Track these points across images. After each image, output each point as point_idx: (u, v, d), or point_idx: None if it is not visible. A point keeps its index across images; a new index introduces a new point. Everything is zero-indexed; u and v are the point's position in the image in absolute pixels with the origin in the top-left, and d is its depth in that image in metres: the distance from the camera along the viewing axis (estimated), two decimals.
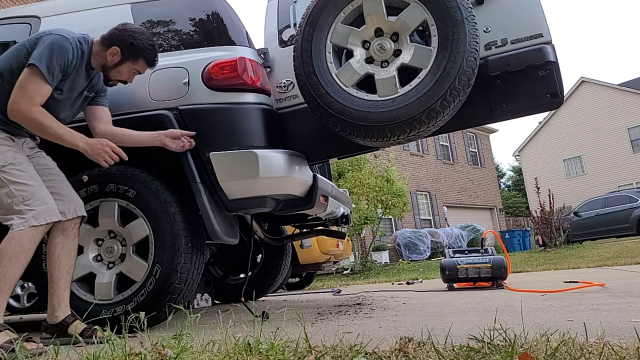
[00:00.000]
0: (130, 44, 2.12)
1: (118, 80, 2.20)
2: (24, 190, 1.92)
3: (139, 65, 2.18)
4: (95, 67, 2.17)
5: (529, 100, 2.17)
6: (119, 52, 2.12)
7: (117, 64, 2.14)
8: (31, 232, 1.88)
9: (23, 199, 1.90)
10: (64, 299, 2.06)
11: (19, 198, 1.90)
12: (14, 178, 1.92)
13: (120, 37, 2.12)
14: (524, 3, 2.19)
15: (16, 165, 1.95)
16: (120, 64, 2.15)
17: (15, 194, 1.90)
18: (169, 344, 1.49)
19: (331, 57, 2.18)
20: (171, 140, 2.21)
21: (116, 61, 2.14)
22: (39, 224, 1.90)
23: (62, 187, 2.12)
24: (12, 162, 1.94)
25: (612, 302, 2.41)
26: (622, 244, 9.93)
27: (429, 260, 13.56)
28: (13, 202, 1.89)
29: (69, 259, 2.08)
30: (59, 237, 2.06)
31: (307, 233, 3.57)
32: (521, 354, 1.10)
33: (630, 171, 24.19)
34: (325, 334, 1.80)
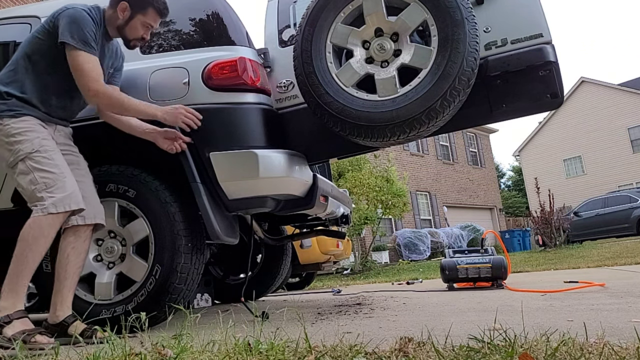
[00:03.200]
0: None
1: (136, 40, 2.20)
2: (47, 178, 1.92)
3: (150, 16, 2.17)
4: (112, 34, 2.18)
5: (529, 100, 2.16)
6: (127, 6, 2.13)
7: (128, 20, 2.14)
8: (50, 218, 1.89)
9: (46, 185, 1.91)
10: (67, 299, 2.06)
11: (41, 185, 1.91)
12: (39, 165, 1.93)
13: None
14: (524, 3, 2.19)
15: (42, 152, 1.96)
16: (131, 19, 2.14)
17: (38, 181, 1.91)
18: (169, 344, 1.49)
19: (331, 57, 2.18)
20: (163, 140, 2.21)
21: (127, 17, 2.14)
22: (58, 212, 1.90)
23: (86, 190, 2.11)
24: (39, 150, 1.95)
25: (612, 302, 2.41)
26: (622, 244, 9.93)
27: (429, 260, 13.56)
28: (36, 189, 1.91)
29: (77, 260, 2.07)
30: (70, 237, 2.05)
31: (307, 233, 3.57)
32: (521, 354, 1.10)
33: (630, 171, 24.19)
34: (325, 334, 1.80)
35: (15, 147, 1.93)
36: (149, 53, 2.51)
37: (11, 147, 1.94)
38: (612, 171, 24.69)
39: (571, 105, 25.77)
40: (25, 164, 1.93)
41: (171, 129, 2.23)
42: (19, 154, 1.93)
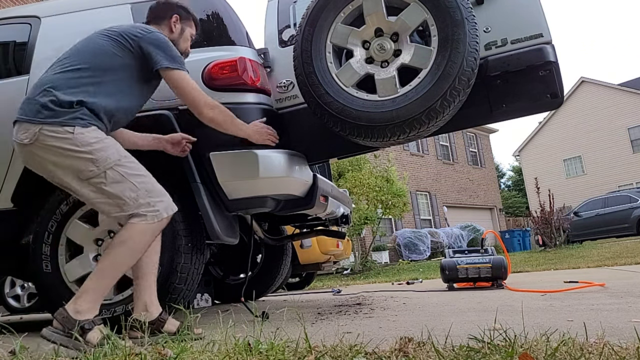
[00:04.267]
0: (179, 5, 2.18)
1: (186, 52, 2.21)
2: (146, 182, 1.87)
3: (193, 28, 2.23)
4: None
5: (529, 100, 2.16)
6: (178, 19, 2.17)
7: (181, 33, 2.18)
8: (159, 224, 1.85)
9: (147, 191, 1.84)
10: (155, 296, 1.99)
11: (142, 191, 1.83)
12: (132, 171, 1.86)
13: (166, 5, 2.16)
14: (524, 3, 2.19)
15: (128, 157, 1.90)
16: (183, 31, 2.19)
17: (138, 187, 1.83)
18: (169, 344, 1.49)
19: (331, 57, 2.18)
20: (171, 146, 2.22)
21: (179, 30, 2.17)
22: (168, 215, 1.88)
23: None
24: (125, 155, 1.89)
25: (612, 302, 2.41)
26: (622, 244, 9.93)
27: (429, 260, 13.56)
28: (138, 196, 1.82)
29: (155, 257, 2.01)
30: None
31: (307, 233, 3.57)
32: (521, 354, 1.10)
33: (630, 171, 24.19)
34: (325, 334, 1.80)
35: (98, 155, 1.80)
36: None
37: (91, 156, 1.79)
38: (612, 171, 24.69)
39: (571, 105, 25.77)
40: (116, 172, 1.82)
41: (176, 133, 2.24)
42: (107, 162, 1.81)
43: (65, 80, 1.86)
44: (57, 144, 1.79)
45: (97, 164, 1.80)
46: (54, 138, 1.79)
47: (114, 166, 1.82)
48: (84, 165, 1.80)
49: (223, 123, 2.08)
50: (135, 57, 1.97)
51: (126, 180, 1.83)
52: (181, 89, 1.98)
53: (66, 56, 1.96)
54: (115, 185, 1.81)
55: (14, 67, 2.75)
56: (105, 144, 1.85)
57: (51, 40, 2.64)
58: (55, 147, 1.79)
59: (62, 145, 1.79)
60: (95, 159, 1.80)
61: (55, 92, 1.82)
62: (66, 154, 1.80)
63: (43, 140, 1.79)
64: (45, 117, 1.80)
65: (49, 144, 1.79)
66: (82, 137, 1.80)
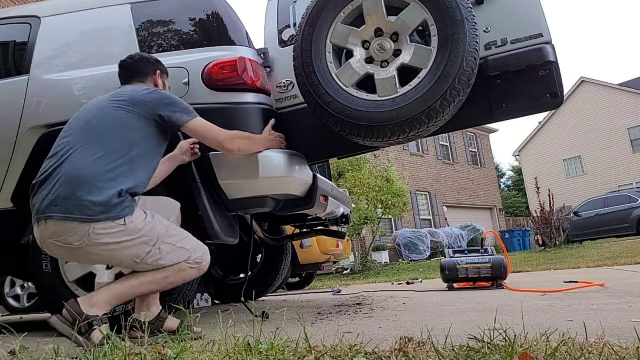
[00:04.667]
0: (155, 60, 2.19)
1: None
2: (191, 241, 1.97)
3: (167, 78, 2.24)
4: None
5: (529, 100, 2.16)
6: (159, 74, 2.18)
7: (164, 86, 2.19)
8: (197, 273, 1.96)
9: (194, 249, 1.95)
10: (157, 296, 2.06)
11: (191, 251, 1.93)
12: (179, 237, 1.94)
13: (147, 62, 2.16)
14: (524, 3, 2.19)
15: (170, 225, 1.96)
16: (165, 86, 2.20)
17: (188, 249, 1.93)
18: (169, 344, 1.49)
19: (331, 57, 2.18)
20: (182, 155, 2.26)
21: (162, 84, 2.18)
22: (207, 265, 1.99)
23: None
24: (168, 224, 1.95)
25: (612, 302, 2.41)
26: (622, 244, 9.93)
27: (429, 260, 13.56)
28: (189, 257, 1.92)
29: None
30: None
31: (307, 233, 3.57)
32: (521, 354, 1.10)
33: (630, 171, 24.19)
34: (325, 334, 1.80)
35: (150, 235, 1.85)
36: (149, 53, 2.50)
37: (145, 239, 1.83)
38: (612, 171, 24.68)
39: (571, 105, 25.76)
40: (168, 244, 1.89)
41: (182, 142, 2.26)
42: (159, 238, 1.86)
43: (103, 172, 1.82)
44: (112, 241, 1.79)
45: (151, 244, 1.85)
46: (108, 235, 1.78)
47: (165, 240, 1.88)
48: (140, 249, 1.83)
49: (249, 146, 2.18)
50: (152, 124, 1.98)
51: (178, 248, 1.91)
52: (202, 134, 2.06)
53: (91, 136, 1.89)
54: (170, 255, 1.89)
55: (14, 67, 2.75)
56: (152, 222, 1.89)
57: (51, 40, 2.64)
58: (110, 243, 1.79)
59: (116, 240, 1.79)
60: (148, 240, 1.84)
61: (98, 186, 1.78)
62: (122, 246, 1.81)
63: (96, 240, 1.77)
64: (95, 214, 1.75)
65: (103, 242, 1.78)
66: (134, 225, 1.82)
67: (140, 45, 2.52)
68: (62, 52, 2.61)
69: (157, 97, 2.00)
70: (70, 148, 1.86)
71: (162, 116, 1.97)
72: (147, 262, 1.85)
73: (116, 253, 1.82)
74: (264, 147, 2.23)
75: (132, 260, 1.84)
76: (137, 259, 1.84)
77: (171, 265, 1.88)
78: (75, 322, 1.73)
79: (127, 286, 1.86)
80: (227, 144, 2.09)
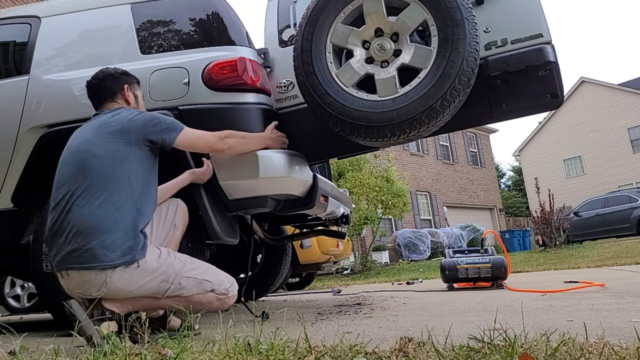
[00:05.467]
0: (121, 73, 2.14)
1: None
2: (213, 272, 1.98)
3: (138, 87, 2.20)
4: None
5: (529, 100, 2.16)
6: (128, 88, 2.12)
7: (136, 99, 2.15)
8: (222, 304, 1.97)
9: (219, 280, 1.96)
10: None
11: (216, 283, 1.94)
12: (200, 269, 1.95)
13: (111, 78, 2.11)
14: (524, 3, 2.19)
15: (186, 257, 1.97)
16: (137, 97, 2.16)
17: (211, 279, 1.94)
18: (169, 344, 1.49)
19: (331, 57, 2.18)
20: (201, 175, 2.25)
21: (133, 97, 2.14)
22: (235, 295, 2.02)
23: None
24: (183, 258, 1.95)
25: (612, 302, 2.41)
26: (622, 244, 9.94)
27: (429, 260, 13.56)
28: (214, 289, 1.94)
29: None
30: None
31: (307, 233, 3.57)
32: (521, 354, 1.10)
33: (630, 171, 24.18)
34: (325, 334, 1.80)
35: (166, 271, 1.86)
36: (149, 53, 2.51)
37: (162, 276, 1.85)
38: (612, 171, 24.68)
39: (571, 105, 25.76)
40: (188, 277, 1.89)
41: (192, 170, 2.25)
42: (177, 274, 1.87)
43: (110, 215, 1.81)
44: (129, 286, 1.81)
45: (170, 280, 1.86)
46: (125, 281, 1.79)
47: (184, 274, 1.89)
48: (159, 287, 1.85)
49: (242, 144, 2.16)
50: (144, 148, 1.96)
51: (201, 280, 1.91)
52: (192, 143, 2.08)
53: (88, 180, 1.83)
54: (192, 289, 1.89)
55: (14, 67, 2.75)
56: (167, 258, 1.89)
57: (51, 40, 2.64)
58: (129, 287, 1.81)
59: (134, 284, 1.81)
60: (166, 278, 1.85)
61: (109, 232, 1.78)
62: (140, 287, 1.82)
63: (114, 288, 1.79)
64: (110, 260, 1.76)
65: (121, 288, 1.80)
66: (148, 265, 1.83)
67: (140, 45, 2.52)
68: (62, 52, 2.61)
69: (143, 120, 1.95)
70: (70, 196, 1.83)
71: (153, 140, 1.96)
72: (170, 296, 1.88)
73: (136, 293, 1.84)
74: (262, 144, 2.23)
75: (154, 296, 1.87)
76: (159, 295, 1.87)
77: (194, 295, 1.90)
78: (92, 311, 1.78)
79: (153, 303, 1.90)
80: (218, 145, 2.09)
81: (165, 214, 2.14)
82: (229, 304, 1.99)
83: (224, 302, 1.97)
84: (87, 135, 1.94)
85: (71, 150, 1.94)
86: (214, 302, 1.94)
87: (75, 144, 1.95)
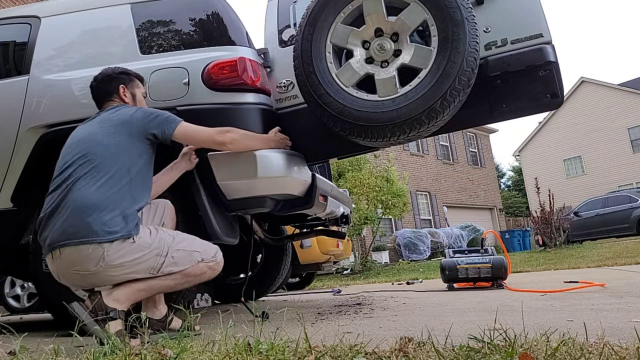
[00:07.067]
0: (119, 73, 2.17)
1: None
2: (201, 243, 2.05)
3: (139, 86, 2.23)
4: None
5: (529, 100, 2.16)
6: (123, 88, 2.16)
7: (133, 98, 2.19)
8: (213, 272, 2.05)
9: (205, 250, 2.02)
10: (161, 295, 2.12)
11: (202, 251, 2.01)
12: (188, 240, 2.01)
13: (108, 79, 2.16)
14: (524, 3, 2.19)
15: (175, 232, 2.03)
16: (135, 96, 2.19)
17: (200, 250, 2.00)
18: (169, 344, 1.49)
19: (331, 57, 2.18)
20: (185, 163, 2.27)
21: (130, 97, 2.18)
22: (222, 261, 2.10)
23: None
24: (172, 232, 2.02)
25: (612, 302, 2.41)
26: (622, 244, 9.94)
27: (429, 260, 13.56)
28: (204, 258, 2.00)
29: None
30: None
31: (307, 233, 3.57)
32: (521, 354, 1.10)
33: (630, 171, 24.18)
34: (325, 334, 1.80)
35: (159, 245, 1.92)
36: (149, 53, 2.51)
37: (156, 250, 1.90)
38: (612, 171, 24.68)
39: (571, 105, 25.75)
40: (179, 249, 1.95)
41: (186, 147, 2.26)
42: (168, 247, 1.93)
43: (108, 196, 1.88)
44: (126, 259, 1.85)
45: (163, 254, 1.92)
46: (122, 255, 1.84)
47: (175, 247, 1.95)
48: (154, 261, 1.90)
49: (244, 140, 2.17)
50: (145, 142, 2.03)
51: (190, 252, 1.98)
52: (191, 135, 2.11)
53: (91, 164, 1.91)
54: (184, 260, 1.95)
55: (14, 67, 2.75)
56: (157, 234, 1.95)
57: (51, 40, 2.64)
58: (125, 262, 1.85)
59: (130, 258, 1.85)
60: (159, 252, 1.91)
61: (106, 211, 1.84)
62: (136, 262, 1.87)
63: (111, 262, 1.83)
64: (106, 234, 1.81)
65: (119, 262, 1.84)
66: (142, 240, 1.89)
67: (140, 45, 2.52)
68: (62, 52, 2.61)
69: (142, 114, 2.04)
70: (72, 179, 1.90)
71: (155, 134, 2.03)
72: (164, 271, 1.92)
73: (133, 269, 1.88)
74: (266, 145, 2.24)
75: (149, 272, 1.91)
76: (154, 271, 1.91)
77: (187, 268, 1.95)
78: (96, 311, 1.80)
79: (147, 284, 1.92)
80: (219, 138, 2.11)
81: (154, 214, 2.17)
82: (218, 270, 2.07)
83: (214, 269, 2.05)
84: (91, 128, 2.04)
85: (74, 141, 2.02)
86: (206, 271, 2.01)
87: (80, 136, 2.03)
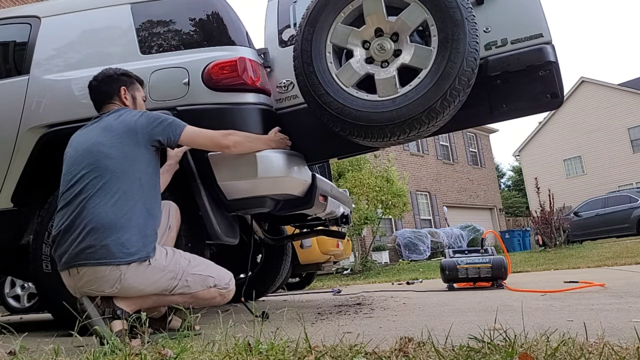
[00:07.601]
0: (120, 74, 2.16)
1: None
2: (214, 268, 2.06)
3: (139, 89, 2.22)
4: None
5: (529, 100, 2.16)
6: (124, 90, 2.15)
7: (134, 101, 2.18)
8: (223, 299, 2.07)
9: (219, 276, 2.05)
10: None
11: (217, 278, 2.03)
12: (202, 266, 2.03)
13: (109, 80, 2.14)
14: (524, 3, 2.19)
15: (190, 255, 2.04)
16: (135, 99, 2.19)
17: (214, 276, 2.03)
18: (169, 343, 1.49)
19: (331, 57, 2.18)
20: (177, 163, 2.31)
21: (131, 100, 2.17)
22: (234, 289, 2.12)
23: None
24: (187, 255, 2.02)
25: (612, 302, 2.41)
26: (622, 244, 9.94)
27: (429, 260, 13.56)
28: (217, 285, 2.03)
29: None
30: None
31: (307, 233, 3.57)
32: (521, 354, 1.10)
33: (630, 171, 24.18)
34: (325, 334, 1.80)
35: (174, 268, 1.93)
36: (149, 53, 2.50)
37: (170, 273, 1.92)
38: (612, 171, 24.68)
39: (571, 105, 25.75)
40: (194, 274, 1.97)
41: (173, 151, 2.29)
42: (183, 271, 1.95)
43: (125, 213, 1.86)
44: (142, 282, 1.87)
45: (177, 277, 1.94)
46: (138, 278, 1.85)
47: (190, 271, 1.96)
48: (168, 284, 1.92)
49: (246, 142, 2.17)
50: (151, 149, 2.03)
51: (205, 276, 2.00)
52: (196, 139, 2.10)
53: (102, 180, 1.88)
54: (197, 285, 1.98)
55: (14, 67, 2.75)
56: (173, 256, 1.96)
57: (51, 40, 2.64)
58: (140, 285, 1.87)
59: (146, 281, 1.87)
60: (174, 275, 1.93)
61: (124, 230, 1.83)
62: (151, 284, 1.89)
63: (127, 285, 1.84)
64: (124, 256, 1.82)
65: (134, 285, 1.86)
66: (158, 263, 1.90)
67: (140, 45, 2.52)
68: (62, 52, 2.61)
69: (146, 121, 2.01)
70: (84, 196, 1.87)
71: (160, 140, 2.02)
72: (176, 293, 1.95)
73: (146, 290, 1.90)
74: (266, 146, 2.24)
75: (162, 292, 1.93)
76: (167, 292, 1.94)
77: (199, 291, 1.99)
78: (103, 307, 1.83)
79: (157, 298, 1.95)
80: (223, 141, 2.11)
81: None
82: (229, 298, 2.09)
83: (225, 296, 2.06)
84: (95, 137, 1.99)
85: (79, 152, 1.98)
86: (216, 297, 2.03)
87: (84, 145, 1.98)
